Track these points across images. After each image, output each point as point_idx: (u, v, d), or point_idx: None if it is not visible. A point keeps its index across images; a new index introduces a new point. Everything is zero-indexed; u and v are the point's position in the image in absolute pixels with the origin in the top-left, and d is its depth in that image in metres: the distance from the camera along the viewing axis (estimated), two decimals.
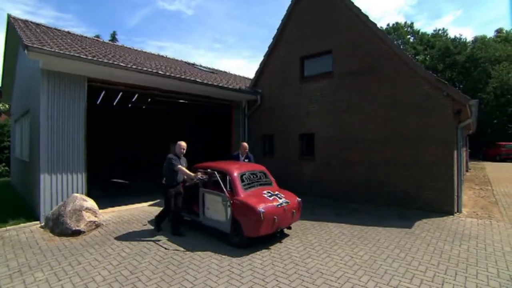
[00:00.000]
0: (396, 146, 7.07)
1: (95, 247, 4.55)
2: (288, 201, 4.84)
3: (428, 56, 36.02)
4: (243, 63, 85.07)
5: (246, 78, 14.44)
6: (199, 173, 5.04)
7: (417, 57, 34.63)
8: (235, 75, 14.67)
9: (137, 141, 14.79)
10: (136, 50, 11.38)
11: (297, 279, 3.50)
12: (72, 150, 6.19)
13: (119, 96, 12.33)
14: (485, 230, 5.32)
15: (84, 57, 5.79)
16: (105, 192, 9.17)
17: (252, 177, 5.14)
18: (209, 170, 5.10)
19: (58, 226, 5.14)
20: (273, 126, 9.76)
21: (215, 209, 4.73)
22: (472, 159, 21.46)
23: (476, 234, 5.11)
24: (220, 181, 4.72)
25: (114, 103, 13.06)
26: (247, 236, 4.37)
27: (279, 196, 4.87)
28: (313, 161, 8.67)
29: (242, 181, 4.87)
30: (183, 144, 5.26)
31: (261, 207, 4.28)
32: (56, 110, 5.95)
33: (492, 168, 16.85)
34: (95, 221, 5.47)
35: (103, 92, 11.32)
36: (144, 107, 14.24)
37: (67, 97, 6.14)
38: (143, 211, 6.82)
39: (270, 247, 4.55)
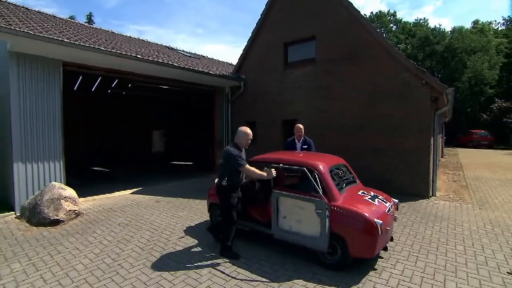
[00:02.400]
0: (376, 132, 7.26)
1: (75, 236, 4.46)
2: (392, 204, 3.86)
3: (409, 45, 36.73)
4: (226, 49, 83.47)
5: (229, 64, 14.22)
6: (273, 170, 3.66)
7: (398, 46, 35.24)
8: (218, 61, 14.40)
9: (118, 129, 14.36)
10: (115, 33, 10.87)
11: None
12: (48, 137, 5.93)
13: (97, 82, 11.83)
14: (455, 212, 5.66)
15: (58, 39, 5.46)
16: (85, 180, 8.93)
17: (339, 173, 4.02)
18: (281, 165, 3.81)
19: (35, 216, 4.98)
20: (256, 113, 9.74)
21: (299, 219, 3.45)
22: (447, 145, 22.46)
23: (448, 215, 5.43)
24: (314, 181, 3.38)
25: (93, 89, 12.54)
26: (355, 256, 3.25)
27: (381, 198, 3.83)
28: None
29: (333, 179, 3.68)
30: (250, 132, 3.87)
31: (374, 217, 3.20)
32: (28, 96, 5.64)
33: (464, 154, 17.75)
34: (75, 210, 5.34)
35: (81, 77, 10.82)
36: (124, 93, 13.77)
37: (41, 82, 5.82)
38: (126, 199, 6.71)
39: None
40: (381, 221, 3.13)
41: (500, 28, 37.66)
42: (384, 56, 7.04)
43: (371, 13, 41.89)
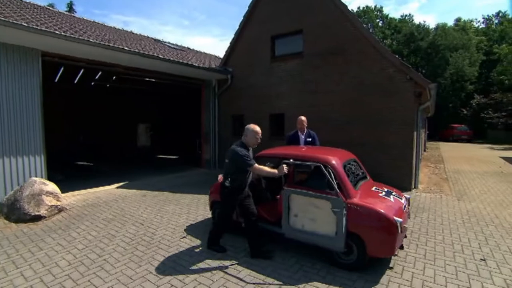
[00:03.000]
0: (361, 127, 7.38)
1: (58, 232, 4.36)
2: (406, 200, 3.78)
3: (395, 40, 37.31)
4: (213, 42, 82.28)
5: (216, 57, 14.04)
6: (284, 166, 3.38)
7: (384, 41, 35.74)
8: (205, 54, 14.19)
9: (103, 122, 13.99)
10: (97, 23, 10.49)
11: None
12: (27, 130, 5.71)
13: (80, 74, 11.45)
14: (436, 204, 5.88)
15: (36, 27, 5.21)
16: (68, 175, 8.69)
17: (352, 168, 3.83)
18: (291, 160, 3.57)
19: (14, 213, 4.82)
20: (243, 106, 9.70)
21: (312, 218, 3.29)
22: (429, 139, 23.17)
23: (429, 207, 5.63)
24: (329, 178, 3.20)
25: (75, 81, 12.12)
26: (372, 256, 3.14)
27: (395, 194, 3.73)
28: (283, 141, 8.81)
29: (347, 176, 3.50)
30: (259, 131, 3.66)
31: (393, 214, 3.08)
32: (4, 86, 5.39)
33: (446, 148, 18.38)
34: (57, 205, 5.20)
35: (62, 69, 10.44)
36: (108, 85, 13.40)
37: (18, 72, 5.57)
38: (111, 194, 6.59)
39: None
40: (401, 219, 3.03)
41: (480, 27, 38.91)
42: (370, 51, 7.13)
43: (358, 8, 42.34)
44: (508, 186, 7.50)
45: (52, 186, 5.41)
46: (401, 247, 3.60)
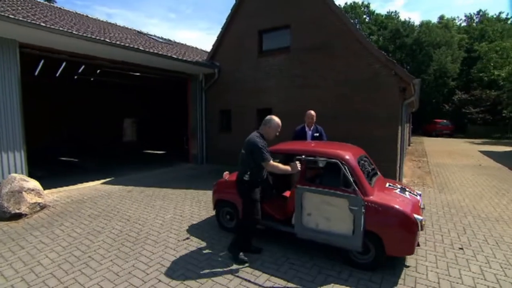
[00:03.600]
0: (348, 121, 7.48)
1: (40, 229, 4.24)
2: (420, 197, 3.68)
3: (381, 37, 37.87)
4: (200, 35, 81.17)
5: (203, 51, 13.86)
6: (297, 163, 3.24)
7: (371, 37, 36.21)
8: (192, 47, 13.98)
9: (87, 117, 13.60)
10: (79, 14, 10.13)
11: None
12: (5, 126, 5.49)
13: (62, 67, 11.04)
14: None
15: (12, 17, 4.98)
16: (51, 171, 8.45)
17: (365, 165, 3.71)
18: (303, 157, 3.40)
19: None
20: (230, 101, 9.65)
21: (327, 217, 3.12)
22: (413, 134, 23.81)
23: None
24: (347, 175, 3.06)
25: (57, 74, 11.69)
26: (391, 255, 3.04)
27: (409, 191, 3.65)
28: None
29: (363, 172, 3.36)
30: (279, 122, 3.44)
31: (412, 212, 3.01)
32: None
33: (429, 143, 18.94)
34: (39, 203, 5.05)
35: (42, 61, 10.04)
36: (92, 79, 13.00)
37: None
38: (96, 190, 6.45)
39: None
40: (421, 217, 2.97)
41: (462, 24, 40.03)
42: (356, 46, 7.21)
43: (345, 3, 42.64)
44: (485, 178, 7.83)
45: (33, 183, 5.24)
46: (417, 245, 3.42)
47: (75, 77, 12.33)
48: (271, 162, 3.16)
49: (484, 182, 7.36)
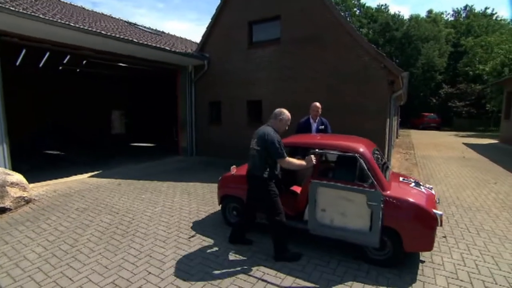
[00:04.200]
0: (337, 114, 7.48)
1: (25, 224, 4.15)
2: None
3: (371, 30, 38.05)
4: (189, 26, 79.63)
5: (193, 42, 13.61)
6: (312, 156, 3.13)
7: (361, 30, 36.32)
8: (181, 38, 13.70)
9: (74, 109, 13.22)
10: (63, 2, 9.72)
11: None
12: None
13: (46, 57, 10.66)
14: None
15: None
16: (37, 165, 8.23)
17: (379, 159, 3.59)
18: (317, 150, 3.29)
19: None
20: (220, 93, 9.56)
21: (343, 212, 3.02)
22: (401, 127, 24.24)
23: None
24: (365, 168, 2.99)
25: (40, 65, 11.29)
26: (410, 251, 3.02)
27: (423, 185, 3.60)
28: None
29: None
30: (289, 115, 3.43)
31: (431, 207, 2.97)
32: None
33: (416, 135, 19.35)
34: (24, 197, 4.93)
35: (24, 51, 9.66)
36: (78, 70, 12.62)
37: None
38: (84, 183, 6.34)
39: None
40: (440, 212, 2.90)
41: (449, 19, 40.59)
42: (346, 39, 7.22)
43: None
44: (468, 170, 8.09)
45: (17, 177, 5.10)
46: None
47: (60, 67, 11.95)
48: (287, 158, 3.09)
49: (467, 174, 7.60)
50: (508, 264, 3.14)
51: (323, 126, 5.06)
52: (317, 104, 5.09)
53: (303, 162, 3.14)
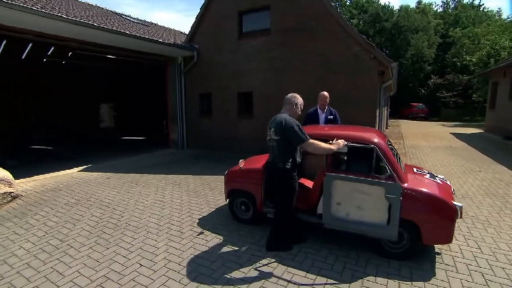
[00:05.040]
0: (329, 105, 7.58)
1: (13, 220, 4.07)
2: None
3: (362, 20, 38.00)
4: (178, 17, 77.87)
5: (182, 33, 13.36)
6: (342, 141, 3.01)
7: (352, 21, 36.24)
8: (169, 29, 13.43)
9: (60, 102, 12.89)
10: None
11: None
12: None
13: (28, 48, 10.29)
14: None
15: None
16: (23, 160, 8.03)
17: (393, 150, 3.44)
18: (330, 142, 3.13)
19: None
20: (211, 84, 9.46)
21: (359, 206, 2.94)
22: (391, 117, 24.59)
23: None
24: (383, 160, 2.95)
25: (23, 57, 10.90)
26: (428, 244, 3.02)
27: (438, 176, 3.56)
28: (251, 119, 8.84)
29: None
30: (301, 99, 3.35)
31: (450, 199, 2.92)
32: None
33: (405, 125, 19.64)
34: (10, 193, 4.82)
35: (4, 42, 9.30)
36: (64, 62, 12.25)
37: None
38: (73, 178, 6.23)
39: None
40: (460, 204, 2.85)
41: (438, 10, 40.87)
42: (336, 29, 7.20)
43: None
44: (455, 159, 8.30)
45: (2, 173, 4.97)
46: None
47: (44, 60, 11.57)
48: (311, 140, 2.89)
49: (454, 162, 7.80)
50: (490, 247, 3.27)
51: (332, 116, 4.83)
52: (325, 93, 4.82)
53: (331, 146, 2.94)
